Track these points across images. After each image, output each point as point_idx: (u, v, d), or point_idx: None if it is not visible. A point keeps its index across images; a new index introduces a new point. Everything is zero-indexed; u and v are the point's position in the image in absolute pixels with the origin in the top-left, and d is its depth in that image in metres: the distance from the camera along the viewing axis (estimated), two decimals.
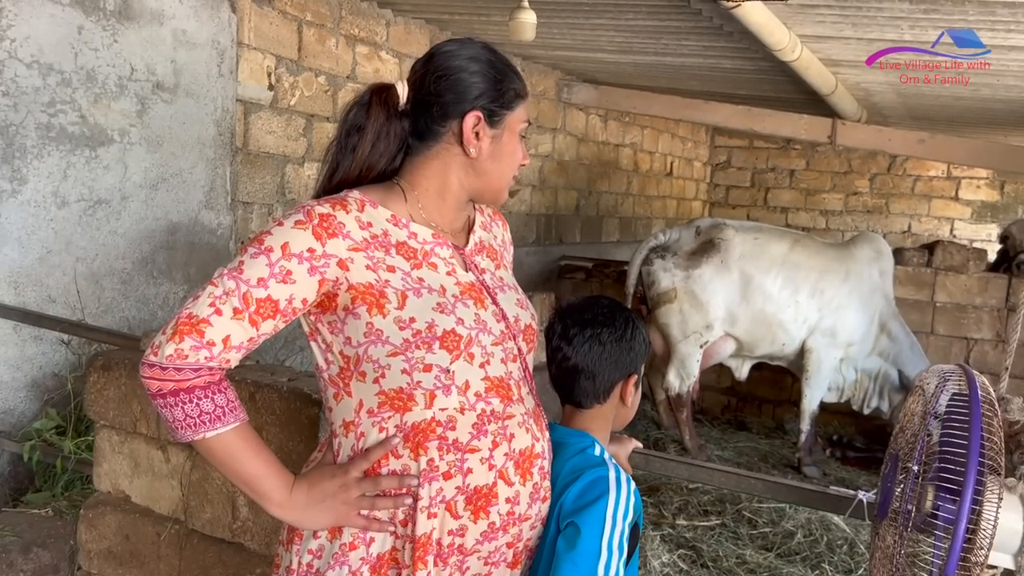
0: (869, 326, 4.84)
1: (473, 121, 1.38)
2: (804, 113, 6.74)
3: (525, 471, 1.38)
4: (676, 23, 4.75)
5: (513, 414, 1.38)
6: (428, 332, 1.30)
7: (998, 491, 1.30)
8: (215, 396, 1.28)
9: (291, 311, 1.29)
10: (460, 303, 1.36)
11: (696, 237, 4.89)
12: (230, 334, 1.25)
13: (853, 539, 3.59)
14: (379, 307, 1.30)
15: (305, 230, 1.28)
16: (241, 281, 1.25)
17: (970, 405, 1.33)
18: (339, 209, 1.32)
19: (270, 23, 4.44)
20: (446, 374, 1.31)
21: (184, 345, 1.24)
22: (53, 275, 3.49)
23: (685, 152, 10.39)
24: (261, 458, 1.33)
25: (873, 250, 4.97)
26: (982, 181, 10.17)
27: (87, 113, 3.56)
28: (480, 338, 1.35)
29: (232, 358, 1.28)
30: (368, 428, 1.33)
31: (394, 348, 1.29)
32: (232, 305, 1.25)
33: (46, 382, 3.47)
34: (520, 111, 1.44)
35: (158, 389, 1.27)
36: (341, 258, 1.29)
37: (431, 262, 1.38)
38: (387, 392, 1.31)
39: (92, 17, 3.54)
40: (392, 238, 1.35)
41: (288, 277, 1.26)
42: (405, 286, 1.32)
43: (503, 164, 1.43)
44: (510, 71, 1.43)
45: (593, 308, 1.53)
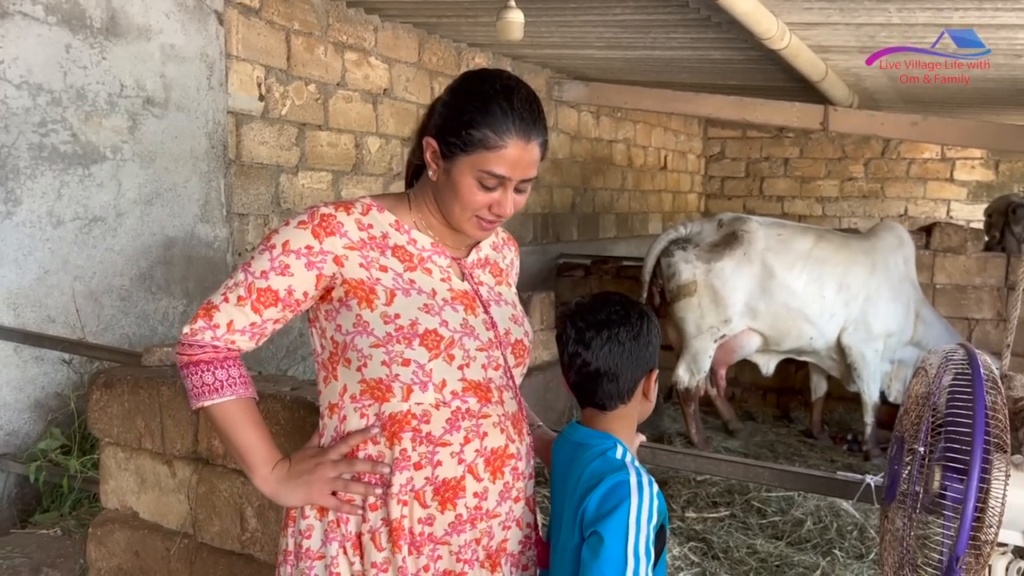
0: (905, 315, 4.82)
1: (430, 147, 1.42)
2: (796, 101, 6.74)
3: (496, 469, 1.43)
4: (664, 16, 4.75)
5: (489, 414, 1.43)
6: (410, 329, 1.37)
7: (1005, 468, 1.30)
8: (216, 371, 1.42)
9: (293, 302, 1.41)
10: (449, 307, 1.42)
11: (719, 230, 4.87)
12: (233, 319, 1.41)
13: (863, 524, 3.59)
14: (368, 301, 1.39)
15: (306, 229, 1.40)
16: (248, 273, 1.41)
17: (973, 384, 1.33)
18: (341, 211, 1.43)
19: (258, 33, 4.43)
20: (423, 370, 1.37)
21: (197, 325, 1.42)
22: (51, 295, 3.48)
23: (678, 145, 10.39)
24: (254, 432, 1.45)
25: (895, 238, 4.96)
26: (977, 161, 10.17)
27: (79, 131, 3.56)
28: (464, 341, 1.41)
29: (238, 339, 1.42)
30: (350, 412, 1.42)
31: (377, 340, 1.37)
32: (237, 294, 1.41)
33: (49, 402, 3.47)
34: (480, 159, 1.38)
35: (180, 360, 1.44)
36: (337, 255, 1.40)
37: (426, 267, 1.45)
38: (368, 381, 1.39)
39: (79, 35, 3.54)
40: (391, 241, 1.44)
41: (286, 270, 1.39)
42: (395, 285, 1.41)
43: (452, 200, 1.42)
44: (490, 116, 1.37)
45: (605, 307, 1.48)
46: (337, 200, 1.48)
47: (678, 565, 3.22)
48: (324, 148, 4.96)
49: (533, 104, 1.42)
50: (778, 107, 6.82)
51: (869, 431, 4.88)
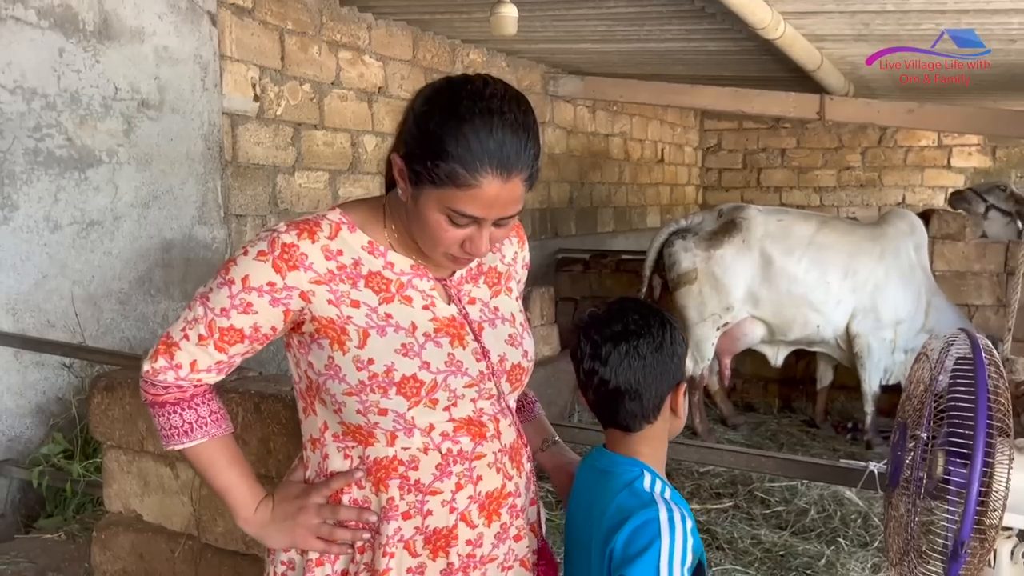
0: (916, 303, 4.80)
1: (397, 163, 1.24)
2: (791, 91, 6.73)
3: (491, 512, 1.32)
4: (657, 8, 4.74)
5: (483, 454, 1.31)
6: (385, 377, 1.24)
7: (1008, 452, 1.30)
8: (184, 412, 1.33)
9: (261, 336, 1.29)
10: (432, 342, 1.28)
11: (719, 219, 4.89)
12: (196, 359, 1.30)
13: (867, 512, 3.60)
14: (340, 343, 1.25)
15: (265, 262, 1.24)
16: (208, 309, 1.28)
17: (975, 368, 1.32)
18: (305, 238, 1.26)
19: (252, 34, 4.42)
20: (403, 419, 1.26)
21: (158, 364, 1.31)
22: (50, 300, 3.48)
23: (675, 138, 10.38)
24: (231, 472, 1.37)
25: (906, 225, 4.95)
26: (973, 148, 10.16)
27: (74, 135, 3.55)
28: (449, 381, 1.27)
29: (204, 378, 1.32)
30: (333, 452, 1.32)
31: (349, 387, 1.25)
32: (198, 332, 1.28)
33: (50, 407, 3.46)
34: (450, 197, 1.18)
35: (144, 398, 1.36)
36: (303, 290, 1.25)
37: (406, 295, 1.29)
38: (347, 425, 1.29)
39: (72, 39, 3.53)
40: (363, 268, 1.28)
41: (249, 309, 1.26)
42: (368, 323, 1.26)
43: (422, 234, 1.25)
44: (465, 150, 1.16)
45: (622, 317, 1.33)
46: (308, 216, 1.30)
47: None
48: (320, 148, 4.95)
49: (519, 130, 1.18)
50: (774, 97, 6.81)
51: (869, 420, 4.88)
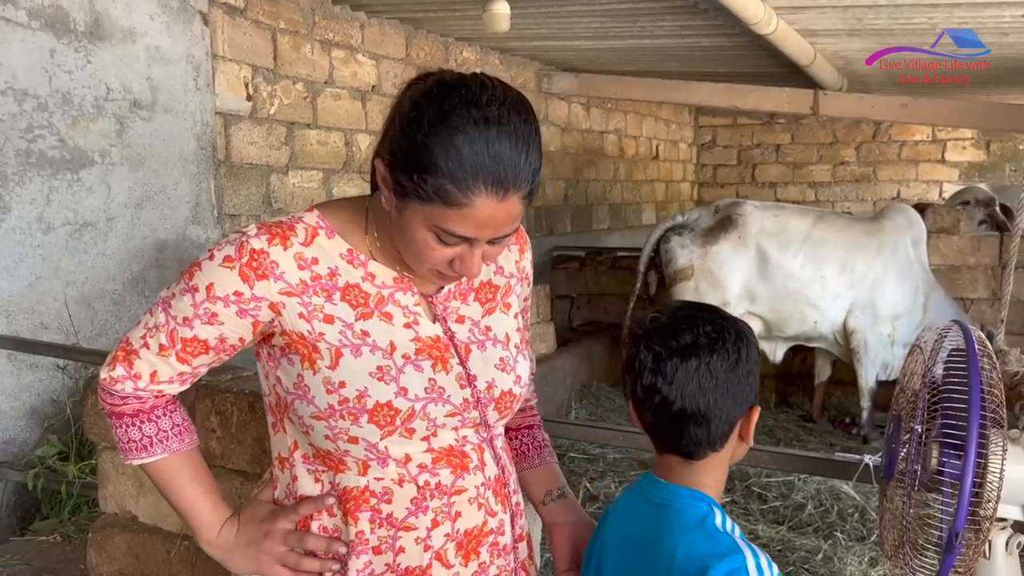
0: (914, 298, 4.80)
1: (380, 169, 1.11)
2: (785, 86, 6.73)
3: (470, 551, 1.22)
4: (651, 4, 4.73)
5: (464, 488, 1.20)
6: (357, 403, 1.12)
7: (1002, 443, 1.30)
8: (143, 425, 1.23)
9: (228, 348, 1.18)
10: (411, 365, 1.16)
11: (715, 215, 4.89)
12: (156, 369, 1.20)
13: (864, 506, 3.60)
14: (311, 361, 1.14)
15: (232, 270, 1.13)
16: (170, 316, 1.17)
17: (968, 360, 1.32)
18: (276, 244, 1.13)
19: (244, 33, 4.41)
20: (376, 449, 1.15)
21: (116, 372, 1.21)
22: (44, 301, 3.47)
23: (670, 134, 10.38)
24: (193, 490, 1.26)
25: (904, 220, 4.94)
26: (968, 142, 10.18)
27: (66, 136, 3.54)
28: (428, 410, 1.16)
29: (166, 389, 1.22)
30: (303, 474, 1.22)
31: (317, 411, 1.14)
32: (158, 341, 1.18)
33: (45, 409, 3.45)
34: (439, 215, 1.06)
35: (103, 407, 1.25)
36: (272, 301, 1.14)
37: (386, 311, 1.17)
38: (317, 448, 1.19)
39: (64, 39, 3.52)
40: (340, 279, 1.16)
41: (214, 319, 1.15)
42: (342, 342, 1.14)
43: (407, 249, 1.13)
44: (456, 164, 1.03)
45: (691, 327, 1.13)
46: (282, 218, 1.19)
47: None
48: (314, 147, 4.94)
49: (518, 142, 1.04)
50: (768, 93, 6.81)
51: (865, 415, 4.88)
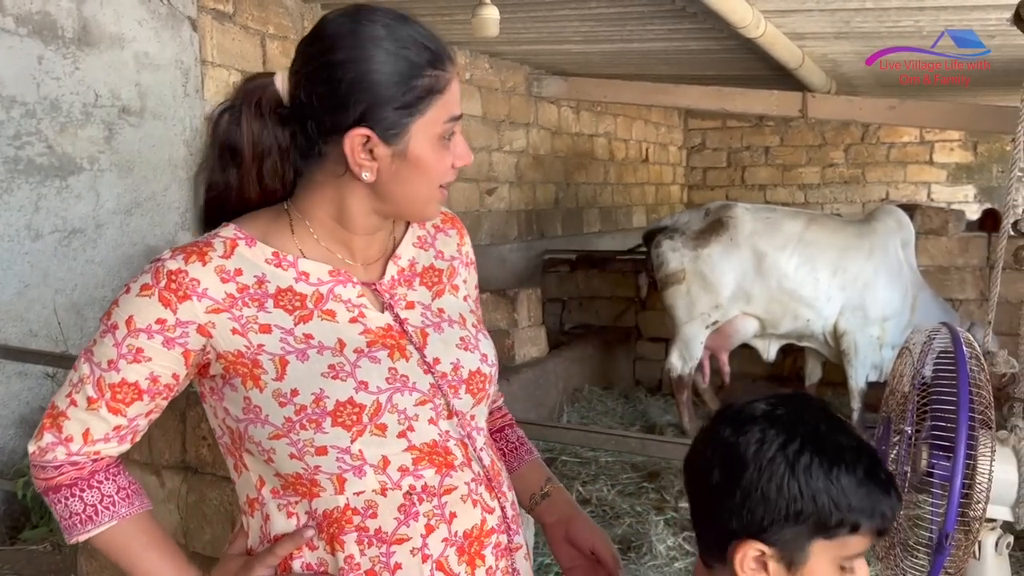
0: (903, 300, 4.82)
1: (357, 142, 1.04)
2: (774, 89, 6.76)
3: (474, 556, 1.10)
4: (639, 8, 4.75)
5: (455, 486, 1.10)
6: (315, 407, 1.03)
7: (991, 445, 1.30)
8: (84, 493, 1.09)
9: (162, 388, 1.07)
10: (366, 358, 1.07)
11: (705, 218, 4.90)
12: (88, 427, 1.07)
13: None
14: (254, 379, 1.04)
15: (150, 297, 1.03)
16: (93, 365, 1.06)
17: (956, 362, 1.33)
18: (194, 261, 1.05)
19: (232, 39, 4.41)
20: (350, 455, 1.04)
21: (43, 442, 1.08)
22: (33, 309, 3.45)
23: (659, 137, 10.41)
24: (151, 556, 1.13)
25: (894, 221, 4.97)
26: (955, 143, 10.24)
27: (54, 143, 3.53)
28: (395, 400, 1.06)
29: (103, 450, 1.09)
30: (273, 511, 1.09)
31: (275, 430, 1.04)
32: (85, 395, 1.06)
33: (34, 417, 3.43)
34: (437, 109, 1.05)
35: (37, 486, 1.12)
36: (200, 323, 1.04)
37: (326, 309, 1.08)
38: (284, 476, 1.07)
39: (51, 46, 3.51)
40: (270, 286, 1.07)
41: (140, 355, 1.04)
42: (285, 349, 1.05)
43: (416, 183, 1.08)
44: (424, 54, 1.04)
45: (837, 432, 0.96)
46: (197, 239, 1.09)
47: (672, 555, 3.22)
48: None
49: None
50: (757, 96, 6.84)
51: (856, 417, 4.90)
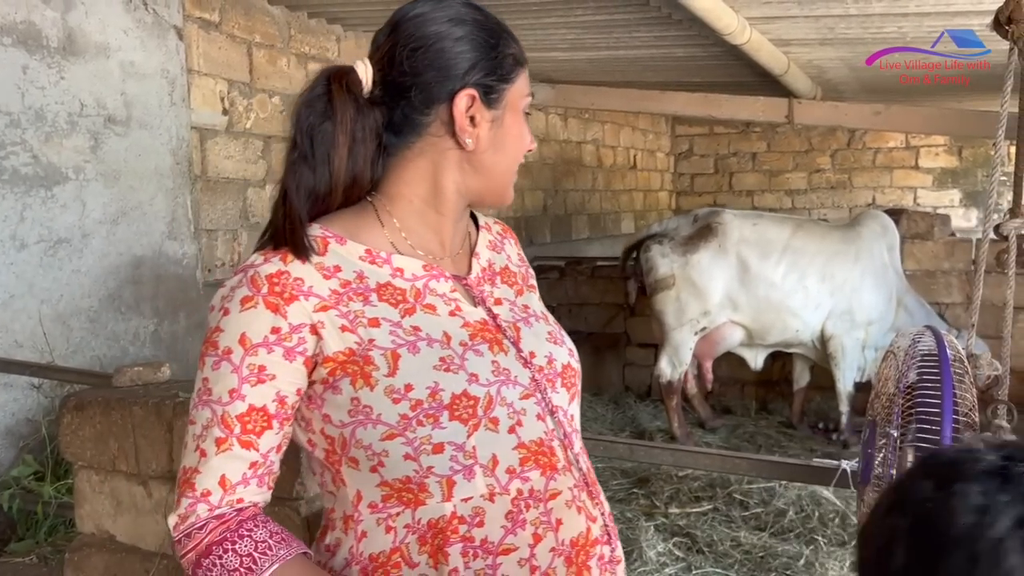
0: (887, 303, 4.86)
1: (466, 102, 1.06)
2: (760, 95, 6.79)
3: (581, 566, 1.05)
4: (625, 15, 4.77)
5: (559, 490, 1.05)
6: (432, 401, 0.99)
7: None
8: (236, 546, 0.99)
9: (288, 410, 1.01)
10: (471, 351, 1.04)
11: (694, 224, 4.91)
12: (224, 473, 1.00)
13: (844, 511, 3.62)
14: (365, 377, 0.99)
15: (256, 308, 0.99)
16: (213, 405, 1.00)
17: (940, 365, 1.34)
18: (292, 261, 1.01)
19: (219, 48, 4.40)
20: (464, 453, 1.00)
21: (182, 509, 1.01)
22: (18, 319, 3.43)
23: (647, 144, 10.44)
24: None
25: (879, 226, 5.00)
26: (940, 148, 10.31)
27: (39, 153, 3.51)
28: (504, 393, 1.03)
29: (244, 495, 1.01)
30: (371, 526, 1.02)
31: (390, 429, 0.99)
32: (213, 438, 0.99)
33: (20, 429, 3.41)
34: (522, 82, 1.12)
35: (188, 565, 1.02)
36: (311, 324, 1.00)
37: (427, 303, 1.05)
38: (391, 483, 1.01)
39: (36, 55, 3.49)
40: (371, 281, 1.04)
41: (263, 374, 0.99)
42: (396, 342, 1.01)
43: (507, 153, 1.11)
44: (503, 31, 1.11)
45: None
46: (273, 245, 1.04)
47: (663, 561, 3.22)
48: None
49: None
50: (743, 102, 6.87)
51: (845, 420, 4.92)
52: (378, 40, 1.10)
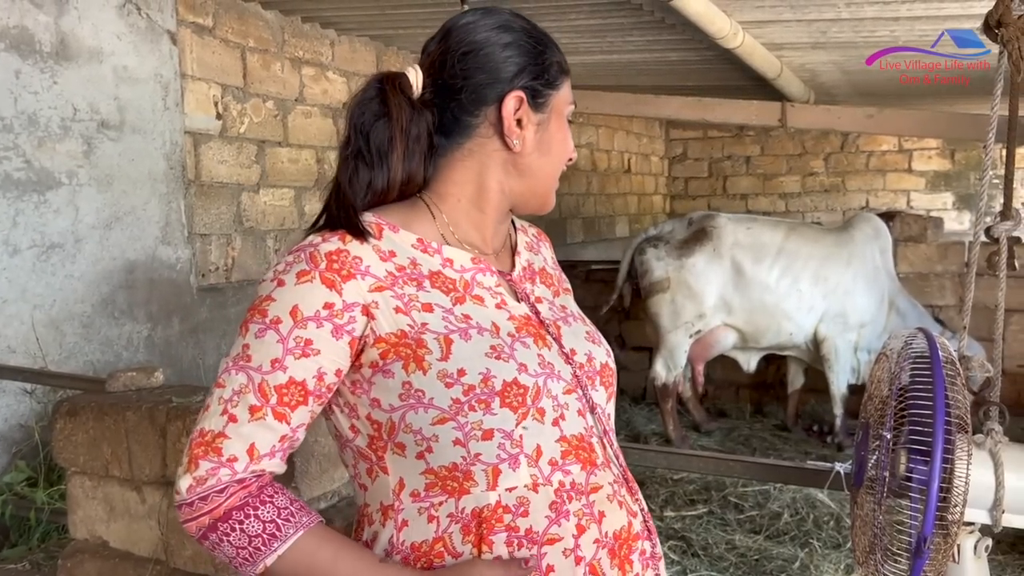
0: (879, 306, 4.88)
1: (515, 104, 1.10)
2: (754, 99, 6.81)
3: (623, 560, 1.06)
4: (618, 20, 4.78)
5: (600, 484, 1.07)
6: (484, 387, 1.00)
7: (967, 448, 1.32)
8: (258, 511, 0.99)
9: (325, 389, 1.02)
10: (519, 343, 1.06)
11: (689, 227, 4.93)
12: (254, 442, 0.99)
13: (839, 514, 3.63)
14: (417, 360, 1.00)
15: (312, 281, 1.00)
16: (251, 371, 0.99)
17: (932, 367, 1.34)
18: (351, 241, 1.03)
19: (213, 52, 4.40)
20: (511, 440, 1.00)
21: (200, 471, 0.99)
22: (10, 325, 3.42)
23: (641, 148, 10.46)
24: (345, 559, 1.01)
25: (871, 229, 5.02)
26: (933, 151, 10.35)
27: (32, 158, 3.50)
28: (549, 386, 1.04)
29: (268, 466, 1.01)
30: (413, 516, 1.02)
31: (442, 413, 0.99)
32: (247, 404, 0.99)
33: (12, 434, 3.40)
34: (566, 90, 1.16)
35: (198, 530, 1.00)
36: (364, 303, 1.01)
37: (475, 295, 1.08)
38: (436, 471, 1.01)
39: (29, 60, 3.49)
40: (423, 268, 1.06)
41: (309, 348, 0.99)
42: (448, 328, 1.02)
43: (552, 158, 1.15)
44: (549, 40, 1.15)
45: None
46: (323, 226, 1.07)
47: None
48: (285, 164, 4.93)
49: None
50: (737, 106, 6.89)
51: (839, 422, 4.93)
52: (429, 47, 1.14)
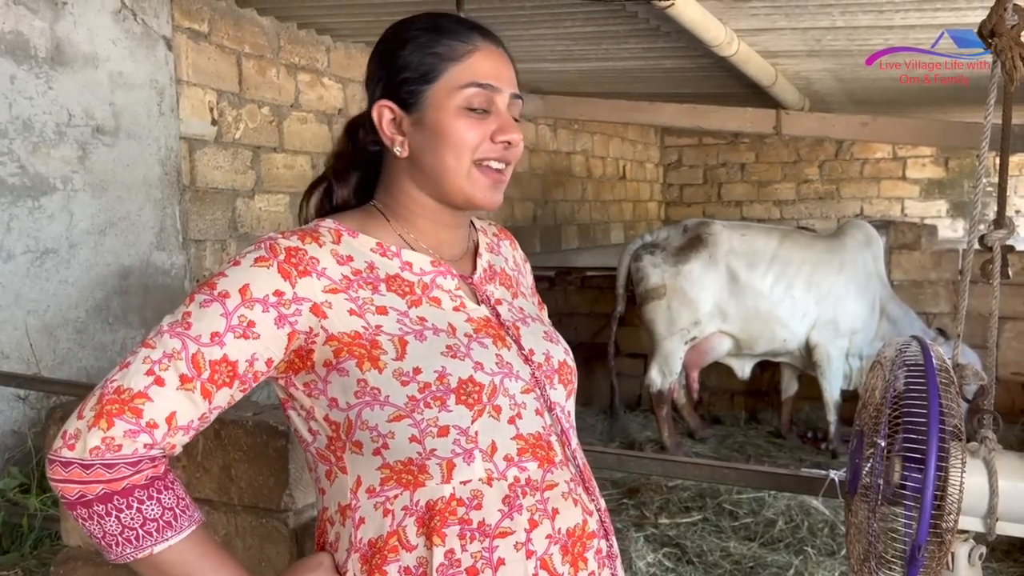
0: (871, 313, 4.89)
1: (381, 114, 1.10)
2: (748, 106, 6.81)
3: (576, 557, 1.06)
4: (614, 27, 4.79)
5: (555, 482, 1.07)
6: (439, 384, 1.01)
7: (961, 456, 1.32)
8: (162, 495, 0.97)
9: (251, 376, 1.01)
10: (476, 343, 1.07)
11: (684, 234, 4.94)
12: (175, 410, 0.96)
13: (833, 521, 3.62)
14: (372, 360, 1.01)
15: (269, 268, 1.00)
16: (189, 339, 0.97)
17: (926, 375, 1.35)
18: (310, 242, 1.04)
19: (208, 58, 4.40)
20: (466, 436, 1.02)
21: (115, 431, 0.93)
22: (4, 330, 3.41)
23: (636, 155, 10.48)
24: (227, 569, 1.02)
25: (863, 236, 5.03)
26: (927, 159, 10.39)
27: (26, 163, 3.50)
28: (506, 385, 1.06)
29: (178, 442, 0.99)
30: (369, 512, 1.03)
31: (397, 410, 1.00)
32: (178, 371, 0.96)
33: (5, 440, 3.38)
34: (451, 76, 1.07)
35: (79, 495, 0.94)
36: (315, 302, 1.01)
37: (432, 297, 1.09)
38: (392, 465, 1.02)
39: (24, 65, 3.48)
40: (380, 271, 1.07)
41: (250, 330, 0.98)
42: (403, 330, 1.03)
43: (442, 153, 1.07)
44: (434, 28, 1.10)
45: None
46: (297, 228, 1.10)
47: (653, 572, 3.22)
48: (280, 170, 4.93)
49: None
50: (731, 113, 6.89)
51: (833, 429, 4.93)
52: None
